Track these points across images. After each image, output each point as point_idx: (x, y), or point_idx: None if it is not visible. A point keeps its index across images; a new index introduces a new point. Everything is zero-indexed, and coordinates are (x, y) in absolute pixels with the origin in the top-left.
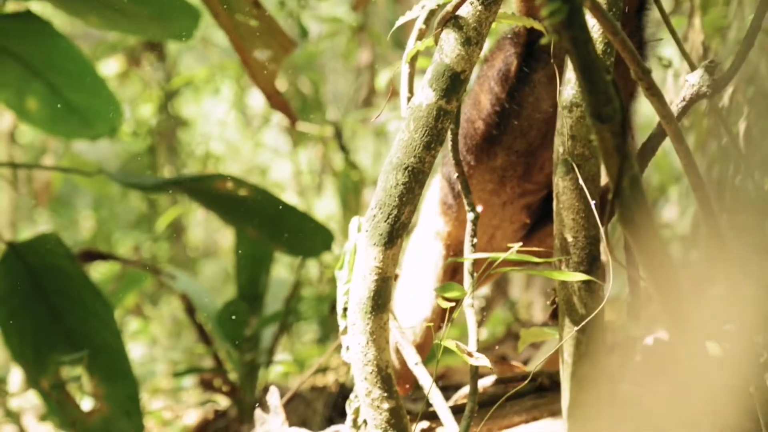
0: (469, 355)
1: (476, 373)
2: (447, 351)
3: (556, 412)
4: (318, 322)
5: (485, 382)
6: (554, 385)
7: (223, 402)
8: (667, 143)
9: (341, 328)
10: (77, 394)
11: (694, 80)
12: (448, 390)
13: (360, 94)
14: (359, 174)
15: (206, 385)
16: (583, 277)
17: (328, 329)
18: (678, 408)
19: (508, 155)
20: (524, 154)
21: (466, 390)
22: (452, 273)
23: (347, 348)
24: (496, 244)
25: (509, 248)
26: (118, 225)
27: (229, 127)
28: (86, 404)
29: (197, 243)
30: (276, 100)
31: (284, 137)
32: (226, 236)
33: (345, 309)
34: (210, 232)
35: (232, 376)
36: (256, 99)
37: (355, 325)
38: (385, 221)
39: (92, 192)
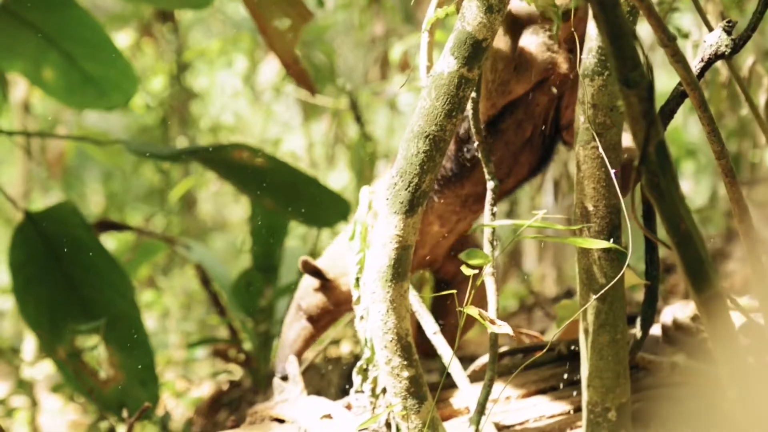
0: (492, 322)
1: (495, 342)
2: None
3: (575, 381)
4: None
5: (480, 362)
6: (573, 355)
7: (237, 372)
8: (680, 117)
9: (354, 298)
10: (93, 363)
11: (712, 40)
12: (462, 361)
13: (373, 66)
14: (373, 146)
15: (221, 356)
16: (605, 244)
17: None
18: None
19: (475, 186)
20: None
21: (481, 361)
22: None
23: (360, 318)
24: (439, 249)
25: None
26: (130, 197)
27: (240, 100)
28: (102, 373)
29: (207, 217)
30: (294, 70)
31: (296, 110)
32: (234, 211)
33: (357, 279)
34: (219, 207)
35: (247, 346)
36: (266, 73)
37: (375, 294)
38: (406, 189)
39: (103, 164)
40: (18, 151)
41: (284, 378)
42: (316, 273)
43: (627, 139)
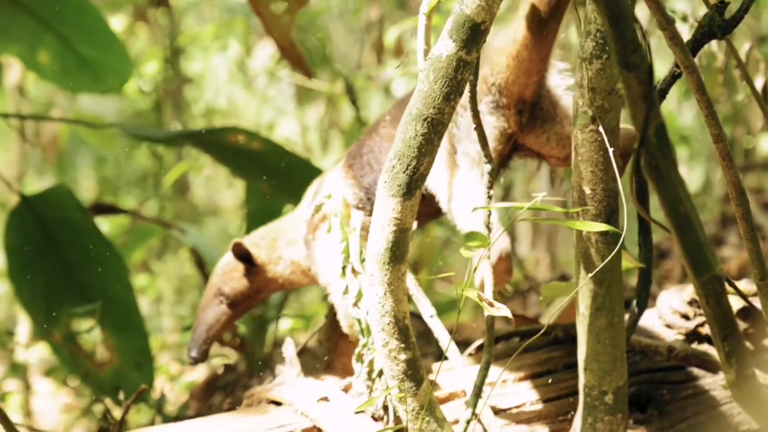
0: (490, 305)
1: (492, 325)
2: (449, 309)
3: (571, 365)
4: None
5: (476, 345)
6: (569, 339)
7: (232, 356)
8: (674, 103)
9: (340, 290)
10: (89, 346)
11: (704, 21)
12: (457, 346)
13: (367, 51)
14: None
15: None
16: (602, 227)
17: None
18: None
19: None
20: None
21: (477, 344)
22: None
23: (354, 304)
24: None
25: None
26: (123, 182)
27: (234, 85)
28: (97, 356)
29: (199, 202)
30: (290, 53)
31: (290, 94)
32: (226, 196)
33: (343, 268)
34: (211, 192)
35: (242, 330)
36: (260, 58)
37: (372, 276)
38: (404, 172)
39: (95, 149)
40: (12, 134)
41: (197, 361)
42: (247, 258)
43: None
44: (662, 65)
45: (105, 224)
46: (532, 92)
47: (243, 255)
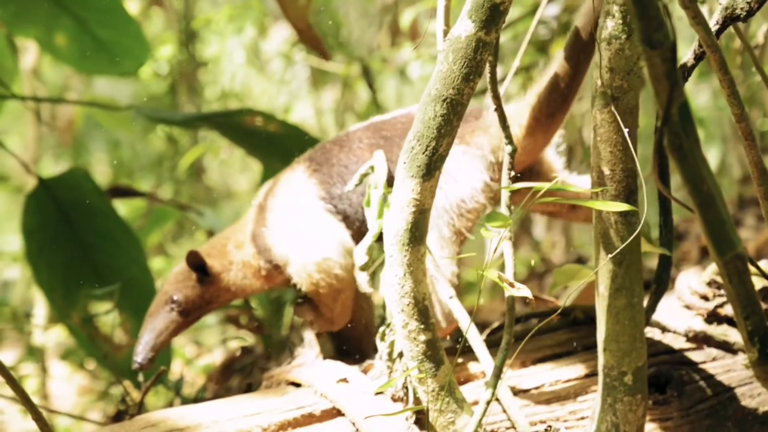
0: (511, 285)
1: (513, 306)
2: (465, 292)
3: (590, 346)
4: None
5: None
6: (588, 319)
7: (249, 339)
8: (688, 85)
9: (361, 263)
10: (106, 329)
11: (727, 2)
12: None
13: (382, 34)
14: (382, 113)
15: (233, 322)
16: (622, 206)
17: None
18: None
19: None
20: None
21: (494, 327)
22: None
23: (366, 284)
24: None
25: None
26: (137, 166)
27: (248, 68)
28: (115, 339)
29: (214, 185)
30: (307, 35)
31: (304, 78)
32: (240, 180)
33: (371, 247)
34: (225, 176)
35: (259, 312)
36: (275, 40)
37: (392, 257)
38: (423, 153)
39: (109, 133)
40: (28, 118)
41: (142, 368)
42: (202, 268)
43: None
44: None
45: (122, 207)
46: (528, 164)
47: (198, 265)
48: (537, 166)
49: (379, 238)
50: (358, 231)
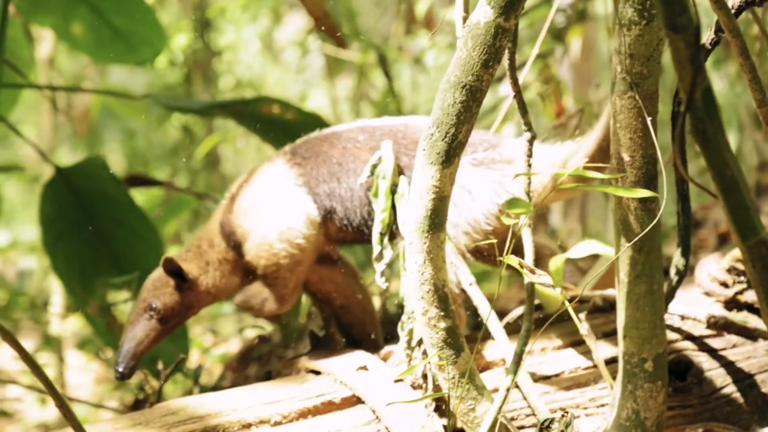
0: (531, 272)
1: (532, 293)
2: (482, 280)
3: (610, 333)
4: (360, 249)
5: (515, 313)
6: (608, 306)
7: (267, 327)
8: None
9: (375, 254)
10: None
11: None
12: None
13: (397, 22)
14: (398, 102)
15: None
16: (643, 193)
17: (370, 255)
18: None
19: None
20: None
21: (515, 313)
22: None
23: (381, 274)
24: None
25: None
26: (152, 156)
27: (263, 57)
28: None
29: (229, 175)
30: (324, 23)
31: (319, 67)
32: None
33: (382, 234)
34: (240, 166)
35: None
36: (290, 29)
37: (412, 245)
38: (443, 140)
39: (124, 123)
40: (43, 108)
41: (123, 377)
42: (178, 274)
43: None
44: None
45: (139, 196)
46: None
47: (175, 271)
48: None
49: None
50: (346, 230)
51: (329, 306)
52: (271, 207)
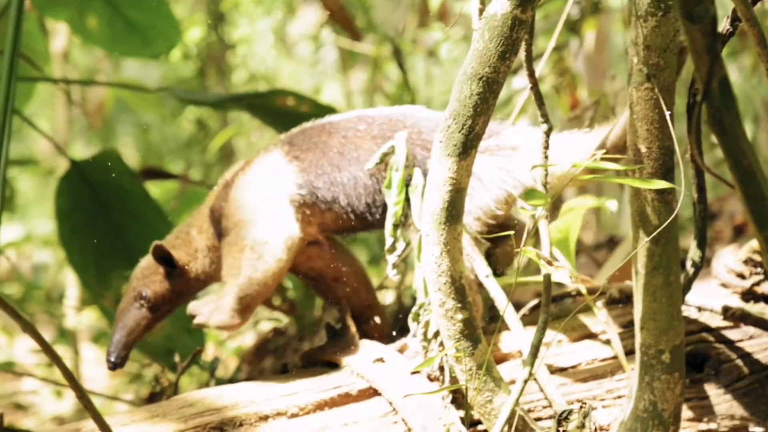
0: (549, 263)
1: (549, 285)
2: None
3: (626, 324)
4: (375, 242)
5: (532, 305)
6: (624, 298)
7: (282, 320)
8: None
9: (387, 246)
10: None
11: None
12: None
13: (410, 15)
14: (412, 95)
15: (265, 303)
16: (661, 184)
17: (383, 248)
18: None
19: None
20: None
21: (531, 305)
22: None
23: (393, 266)
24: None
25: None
26: (165, 149)
27: (276, 50)
28: None
29: None
30: (339, 15)
31: (332, 60)
32: None
33: (395, 226)
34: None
35: (292, 293)
36: (304, 23)
37: (428, 237)
38: (460, 132)
39: (137, 116)
40: (58, 102)
41: (115, 366)
42: (168, 260)
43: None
44: None
45: (154, 189)
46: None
47: (165, 258)
48: None
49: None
50: (348, 218)
51: (323, 283)
52: (260, 217)
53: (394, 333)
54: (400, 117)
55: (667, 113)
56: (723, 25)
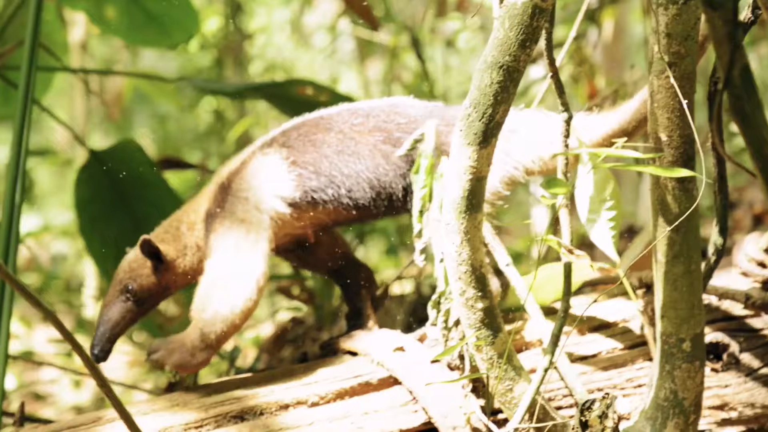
0: (570, 251)
1: (570, 273)
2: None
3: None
4: (393, 232)
5: None
6: (644, 287)
7: (301, 309)
8: None
9: (415, 231)
10: None
11: None
12: None
13: (429, 4)
14: (431, 84)
15: (284, 293)
16: (682, 172)
17: (403, 237)
18: None
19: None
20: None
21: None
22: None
23: (420, 252)
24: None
25: None
26: (182, 140)
27: (293, 40)
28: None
29: None
30: (357, 4)
31: (349, 50)
32: None
33: (420, 212)
34: None
35: (310, 283)
36: (319, 14)
37: (449, 225)
38: (480, 120)
39: (153, 107)
40: (76, 92)
41: (99, 359)
42: (156, 255)
43: None
44: None
45: (172, 179)
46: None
47: (153, 253)
48: None
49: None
50: (348, 211)
51: (311, 258)
52: (245, 245)
53: (412, 322)
54: (392, 107)
55: (684, 102)
56: (744, 13)
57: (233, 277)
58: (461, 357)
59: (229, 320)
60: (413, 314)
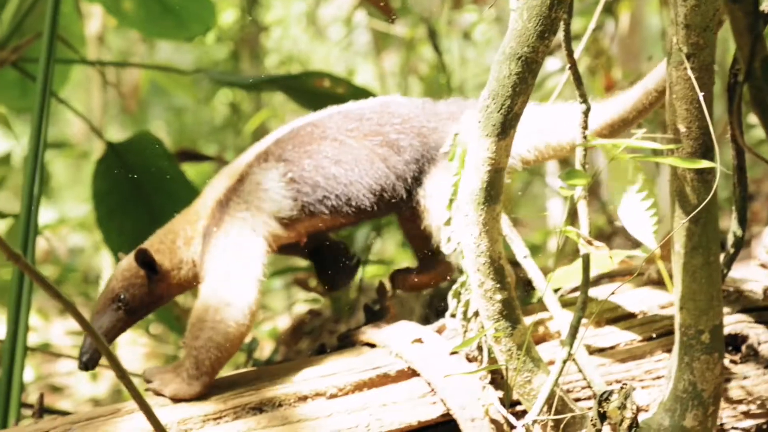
0: (588, 243)
1: (588, 264)
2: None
3: (665, 305)
4: None
5: (571, 286)
6: (663, 278)
7: (318, 301)
8: None
9: (444, 220)
10: None
11: None
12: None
13: None
14: (447, 76)
15: (301, 285)
16: (700, 163)
17: None
18: None
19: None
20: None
21: (569, 286)
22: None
23: (448, 239)
24: None
25: None
26: (198, 133)
27: (309, 32)
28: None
29: None
30: None
31: (365, 42)
32: None
33: (451, 201)
34: None
35: None
36: (335, 6)
37: (467, 216)
38: (498, 112)
39: (169, 100)
40: (92, 85)
41: (87, 368)
42: (151, 266)
43: None
44: None
45: (189, 171)
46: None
47: (148, 264)
48: None
49: None
50: (347, 216)
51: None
52: (237, 272)
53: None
54: (383, 107)
55: (701, 94)
56: (765, 4)
57: (225, 305)
58: (480, 348)
59: (223, 347)
60: (429, 306)
